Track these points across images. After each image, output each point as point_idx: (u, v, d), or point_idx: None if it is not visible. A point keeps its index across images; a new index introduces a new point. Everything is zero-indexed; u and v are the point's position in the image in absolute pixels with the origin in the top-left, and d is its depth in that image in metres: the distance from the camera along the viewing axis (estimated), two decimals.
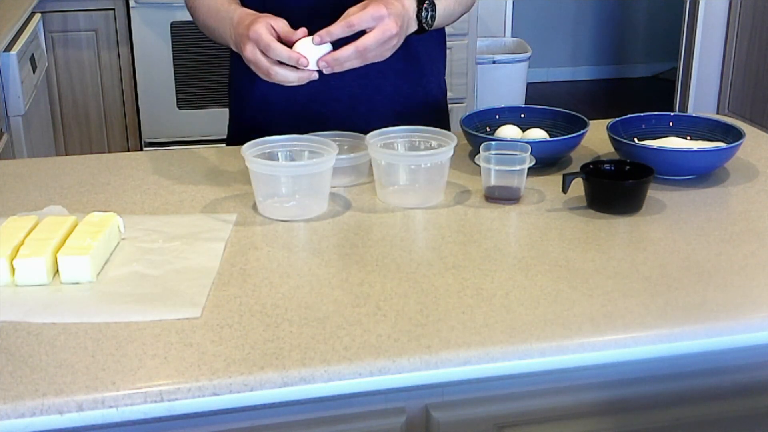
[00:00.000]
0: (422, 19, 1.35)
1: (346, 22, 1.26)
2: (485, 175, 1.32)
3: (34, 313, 1.02)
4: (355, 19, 1.26)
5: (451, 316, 1.01)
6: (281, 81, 1.28)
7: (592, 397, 1.03)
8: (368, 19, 1.26)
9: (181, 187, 1.39)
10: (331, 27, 1.26)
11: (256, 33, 1.27)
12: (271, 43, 1.26)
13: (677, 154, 1.38)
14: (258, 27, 1.27)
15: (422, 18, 1.35)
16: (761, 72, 4.13)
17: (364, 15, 1.26)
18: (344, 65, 1.28)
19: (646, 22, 5.72)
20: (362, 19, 1.26)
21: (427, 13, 1.35)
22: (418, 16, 1.35)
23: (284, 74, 1.28)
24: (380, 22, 1.26)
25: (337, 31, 1.26)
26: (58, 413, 0.86)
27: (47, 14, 3.32)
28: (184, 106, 3.56)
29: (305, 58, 1.26)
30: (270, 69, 1.27)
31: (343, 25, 1.26)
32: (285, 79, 1.28)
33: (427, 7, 1.35)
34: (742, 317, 1.02)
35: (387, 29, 1.27)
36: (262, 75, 1.30)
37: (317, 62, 1.27)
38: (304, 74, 1.27)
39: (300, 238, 1.23)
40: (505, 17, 4.53)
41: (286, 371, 0.90)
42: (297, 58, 1.26)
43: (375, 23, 1.26)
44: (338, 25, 1.26)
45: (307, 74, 1.27)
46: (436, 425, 0.98)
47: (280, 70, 1.27)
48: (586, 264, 1.13)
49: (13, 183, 1.40)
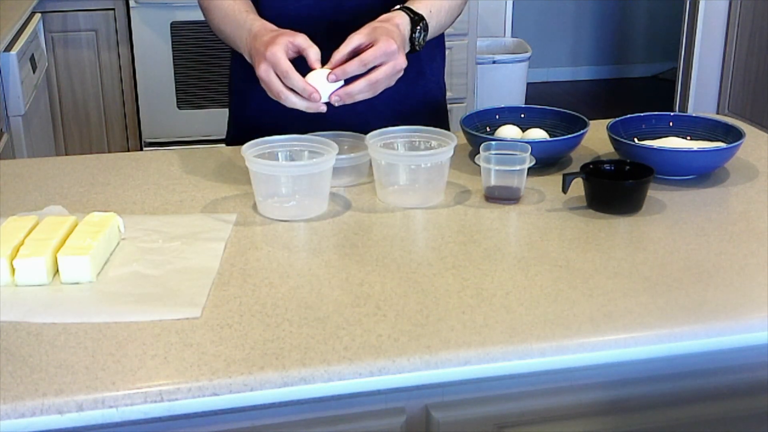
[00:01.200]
0: (415, 40, 1.39)
1: (360, 60, 1.28)
2: (485, 175, 1.32)
3: (34, 313, 1.02)
4: (369, 57, 1.28)
5: (451, 316, 1.01)
6: (289, 106, 1.30)
7: (592, 397, 1.03)
8: (381, 56, 1.29)
9: (181, 187, 1.39)
10: (346, 66, 1.28)
11: (274, 56, 1.28)
12: (290, 71, 1.28)
13: (677, 154, 1.38)
14: (277, 50, 1.28)
15: (415, 40, 1.38)
16: (761, 72, 4.13)
17: (378, 52, 1.28)
18: (356, 98, 1.31)
19: (646, 22, 5.72)
20: (376, 56, 1.28)
21: (419, 35, 1.39)
22: (411, 38, 1.38)
23: (294, 101, 1.30)
24: (392, 57, 1.29)
25: (352, 69, 1.28)
26: (58, 413, 0.86)
27: (47, 14, 3.32)
28: (184, 106, 3.56)
29: (317, 93, 1.28)
30: (281, 93, 1.29)
31: (357, 63, 1.28)
32: (293, 105, 1.30)
33: (420, 29, 1.39)
34: (742, 317, 1.02)
35: (397, 63, 1.30)
36: (272, 95, 1.31)
37: (330, 96, 1.30)
38: (313, 106, 1.30)
39: (300, 238, 1.23)
40: (505, 17, 4.53)
41: (286, 371, 0.90)
42: (310, 93, 1.28)
43: (387, 59, 1.29)
44: (353, 63, 1.28)
45: (315, 106, 1.30)
46: (436, 425, 0.98)
47: (291, 96, 1.29)
48: (586, 264, 1.13)
49: (13, 183, 1.40)
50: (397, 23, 1.35)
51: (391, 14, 1.38)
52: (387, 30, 1.32)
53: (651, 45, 5.74)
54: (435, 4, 1.43)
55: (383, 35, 1.30)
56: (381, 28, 1.32)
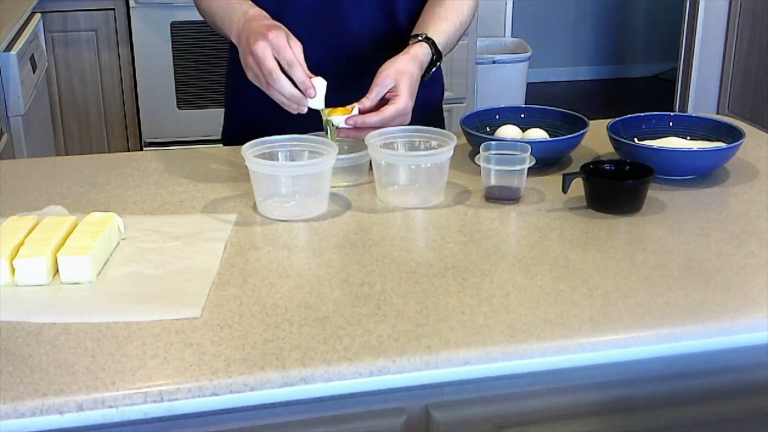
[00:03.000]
0: (425, 75, 1.45)
1: (381, 118, 1.35)
2: (485, 175, 1.32)
3: (34, 313, 1.02)
4: (388, 116, 1.35)
5: (451, 316, 1.01)
6: (278, 88, 1.30)
7: (592, 397, 1.03)
8: (398, 116, 1.36)
9: (181, 187, 1.39)
10: (366, 118, 1.35)
11: (278, 41, 1.29)
12: (294, 62, 1.30)
13: (677, 154, 1.38)
14: (281, 37, 1.30)
15: (426, 74, 1.45)
16: (761, 72, 4.13)
17: (397, 113, 1.35)
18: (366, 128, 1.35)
19: (646, 22, 5.72)
20: (394, 117, 1.35)
21: (431, 69, 1.46)
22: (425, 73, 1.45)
23: (283, 85, 1.30)
24: (405, 117, 1.37)
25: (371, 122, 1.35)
26: (58, 413, 0.86)
27: (47, 14, 3.32)
28: (184, 106, 3.56)
29: (314, 89, 1.31)
30: (274, 72, 1.30)
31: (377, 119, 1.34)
32: (281, 89, 1.30)
33: (436, 62, 1.46)
34: (742, 317, 1.02)
35: (405, 120, 1.38)
36: (258, 73, 1.31)
37: (345, 121, 1.34)
38: (295, 104, 1.32)
39: (300, 238, 1.23)
40: (505, 17, 4.53)
41: (286, 371, 0.90)
42: (307, 87, 1.31)
43: (401, 118, 1.36)
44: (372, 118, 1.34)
45: (297, 102, 1.31)
46: (436, 425, 0.98)
47: (282, 80, 1.30)
48: (586, 264, 1.13)
49: (13, 183, 1.40)
50: (422, 61, 1.43)
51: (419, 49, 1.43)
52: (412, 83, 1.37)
53: (651, 45, 5.74)
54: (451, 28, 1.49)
55: (407, 90, 1.36)
56: (407, 76, 1.37)
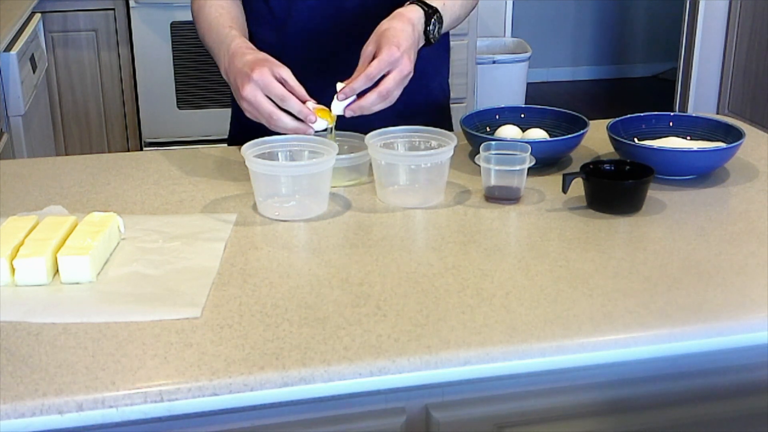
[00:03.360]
0: (429, 33, 1.39)
1: (365, 75, 1.29)
2: (485, 175, 1.32)
3: (34, 313, 1.02)
4: (373, 70, 1.29)
5: (451, 316, 1.01)
6: (280, 128, 1.30)
7: (592, 397, 1.03)
8: (385, 66, 1.29)
9: (181, 187, 1.39)
10: (353, 83, 1.29)
11: (264, 79, 1.28)
12: (285, 95, 1.29)
13: (677, 154, 1.38)
14: (265, 74, 1.29)
15: (429, 33, 1.39)
16: (761, 72, 4.13)
17: (381, 63, 1.29)
18: (372, 110, 1.32)
19: (646, 22, 5.72)
20: (380, 67, 1.29)
21: (434, 28, 1.39)
22: (426, 31, 1.38)
23: (286, 122, 1.30)
24: (397, 64, 1.30)
25: (359, 85, 1.30)
26: (58, 413, 0.86)
27: (47, 14, 3.32)
28: (184, 106, 3.56)
29: (314, 115, 1.30)
30: (274, 114, 1.29)
31: (363, 78, 1.29)
32: (284, 126, 1.30)
33: (435, 21, 1.39)
34: (742, 317, 1.02)
35: (403, 68, 1.31)
36: (257, 117, 1.31)
37: (344, 110, 1.31)
38: (302, 128, 1.31)
39: (300, 238, 1.23)
40: (505, 17, 4.53)
41: (286, 371, 0.90)
42: (307, 114, 1.30)
43: (392, 67, 1.30)
44: (359, 79, 1.29)
45: (304, 129, 1.31)
46: (436, 425, 0.98)
47: (284, 117, 1.30)
48: (586, 264, 1.13)
49: (13, 183, 1.40)
50: (410, 17, 1.35)
51: (404, 9, 1.38)
52: (392, 34, 1.31)
53: (651, 45, 5.74)
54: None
55: (386, 43, 1.30)
56: (387, 32, 1.32)
